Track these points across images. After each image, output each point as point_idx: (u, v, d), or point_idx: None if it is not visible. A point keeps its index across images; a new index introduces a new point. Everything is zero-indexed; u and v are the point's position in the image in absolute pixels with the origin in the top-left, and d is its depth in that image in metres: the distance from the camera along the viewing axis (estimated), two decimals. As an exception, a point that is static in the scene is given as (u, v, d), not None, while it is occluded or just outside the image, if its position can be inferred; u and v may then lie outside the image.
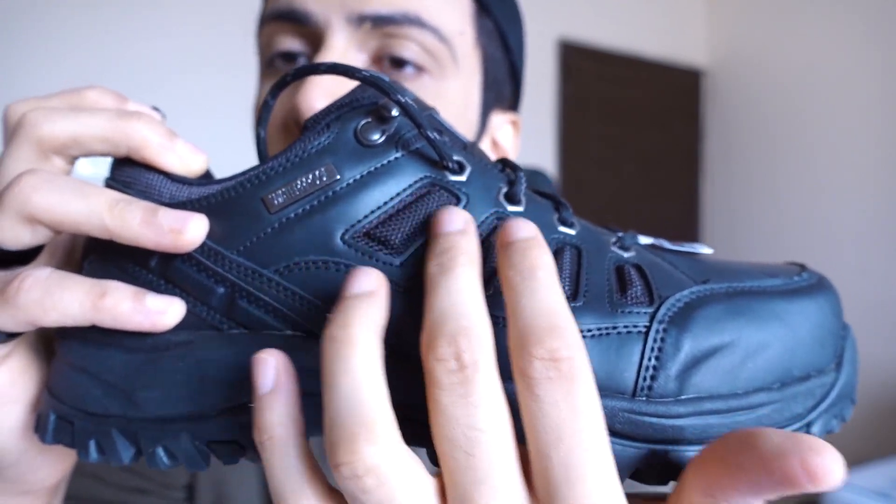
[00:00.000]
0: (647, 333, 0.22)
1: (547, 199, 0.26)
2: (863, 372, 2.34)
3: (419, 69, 0.40)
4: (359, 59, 0.39)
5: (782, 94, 2.76)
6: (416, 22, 0.39)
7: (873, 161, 2.46)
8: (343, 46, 0.39)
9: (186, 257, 0.23)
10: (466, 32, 0.42)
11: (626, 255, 0.25)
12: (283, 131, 0.40)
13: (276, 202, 0.22)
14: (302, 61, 0.40)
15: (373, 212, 0.23)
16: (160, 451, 0.23)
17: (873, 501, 1.70)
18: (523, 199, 0.24)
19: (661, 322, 0.22)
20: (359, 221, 0.22)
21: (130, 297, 0.22)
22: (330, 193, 0.23)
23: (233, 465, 0.48)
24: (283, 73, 0.41)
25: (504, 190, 0.24)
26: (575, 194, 2.69)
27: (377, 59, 0.40)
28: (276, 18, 0.40)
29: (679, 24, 3.04)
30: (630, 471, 0.21)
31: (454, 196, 0.23)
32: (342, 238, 0.22)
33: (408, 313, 0.22)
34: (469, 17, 0.42)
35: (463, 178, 0.24)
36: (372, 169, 0.23)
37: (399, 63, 0.39)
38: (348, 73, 0.23)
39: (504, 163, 0.26)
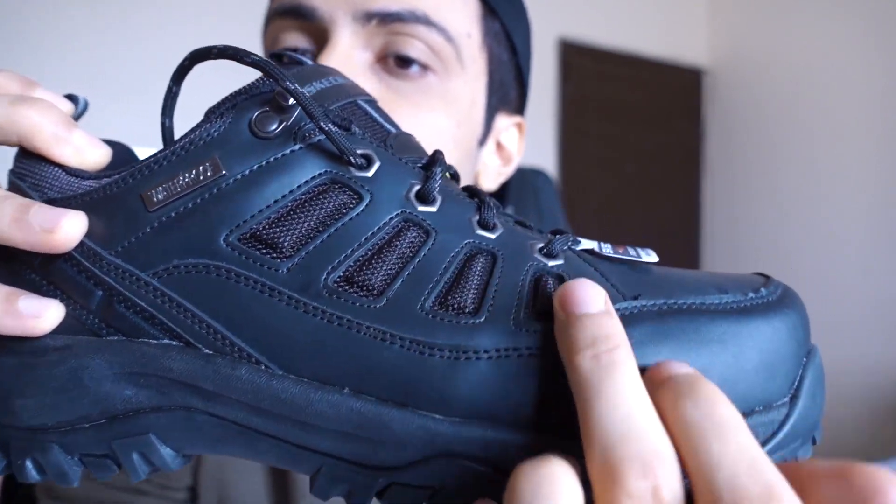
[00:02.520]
0: (554, 357, 0.19)
1: (473, 198, 0.24)
2: (863, 372, 2.34)
3: (424, 68, 0.39)
4: (363, 57, 0.39)
5: (783, 93, 2.76)
6: (423, 20, 0.38)
7: (874, 161, 2.45)
8: (348, 44, 0.38)
9: (68, 257, 0.21)
10: (473, 34, 0.41)
11: (550, 263, 0.22)
12: None
13: (155, 199, 0.21)
14: (307, 59, 0.40)
15: (261, 211, 0.21)
16: (29, 464, 0.22)
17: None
18: (438, 197, 0.22)
19: None
20: (245, 222, 0.21)
21: (1, 300, 0.21)
22: (214, 190, 0.21)
23: (236, 467, 0.48)
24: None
25: (416, 187, 0.22)
26: (575, 194, 2.69)
27: (382, 57, 0.39)
28: (281, 14, 0.40)
29: (680, 23, 3.03)
30: None
31: (355, 194, 0.21)
32: (225, 240, 0.21)
33: (294, 328, 0.20)
34: (476, 18, 0.42)
35: (368, 174, 0.22)
36: (263, 163, 0.21)
37: (404, 62, 0.39)
38: (237, 57, 0.22)
39: (434, 157, 0.24)
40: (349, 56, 0.38)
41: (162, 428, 0.21)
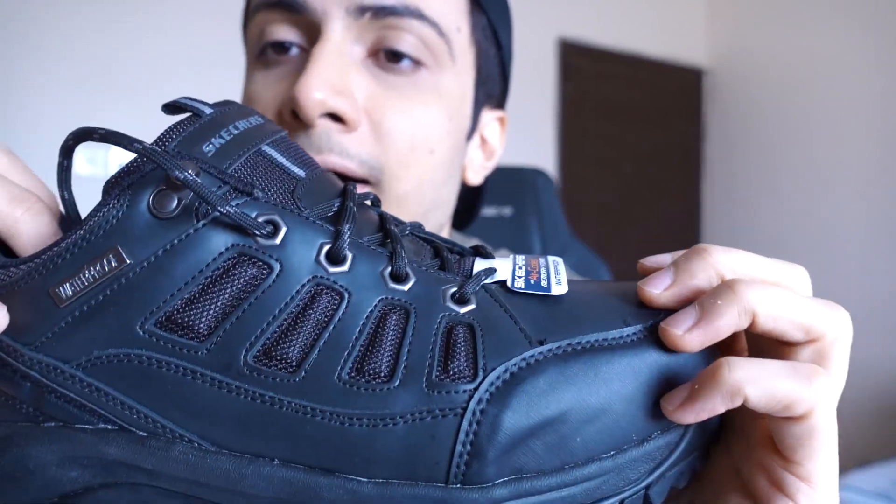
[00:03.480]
0: (462, 415, 0.20)
1: (385, 245, 0.23)
2: (863, 372, 2.34)
3: (416, 63, 0.39)
4: (356, 52, 0.39)
5: (783, 93, 2.76)
6: (416, 14, 0.38)
7: (874, 160, 2.46)
8: (340, 38, 0.38)
9: None
10: (462, 28, 0.42)
11: (462, 310, 0.22)
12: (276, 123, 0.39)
13: (64, 295, 0.21)
14: (294, 52, 0.40)
15: (173, 295, 0.21)
16: None
17: (874, 502, 1.70)
18: (348, 254, 0.22)
19: (479, 402, 0.20)
20: (158, 307, 0.21)
21: None
22: (122, 281, 0.21)
23: None
24: (274, 63, 0.40)
25: (326, 248, 0.22)
26: (575, 194, 2.69)
27: (374, 51, 0.39)
28: (269, 6, 0.39)
29: (679, 23, 3.03)
30: None
31: (265, 265, 0.21)
32: (141, 327, 0.21)
33: (220, 407, 0.20)
34: (465, 13, 0.42)
35: (276, 241, 0.21)
36: (168, 246, 0.21)
37: (396, 56, 0.39)
38: (123, 144, 0.21)
39: (343, 202, 0.23)
40: (341, 50, 0.38)
41: (112, 500, 0.22)
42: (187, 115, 0.24)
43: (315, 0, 0.38)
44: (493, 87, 0.47)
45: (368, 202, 0.26)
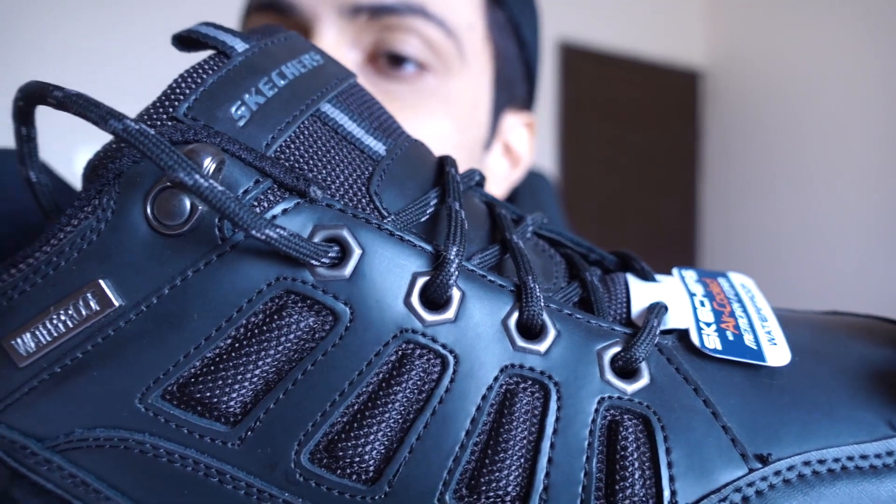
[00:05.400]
0: None
1: (499, 271, 0.15)
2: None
3: (421, 67, 0.35)
4: (352, 57, 0.35)
5: (781, 95, 2.77)
6: (419, 12, 0.34)
7: (872, 162, 2.47)
8: (334, 42, 0.34)
9: None
10: (476, 26, 0.37)
11: (629, 389, 0.14)
12: None
13: (23, 349, 0.14)
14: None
15: (187, 356, 0.14)
16: None
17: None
18: (454, 293, 0.14)
19: None
20: (166, 374, 0.14)
21: None
22: (109, 332, 0.14)
23: None
24: None
25: (422, 281, 0.14)
26: (574, 195, 2.70)
27: (373, 56, 0.35)
28: (259, 9, 0.36)
29: (677, 25, 3.04)
30: None
31: (327, 311, 0.14)
32: (142, 402, 0.14)
33: None
34: (479, 8, 0.38)
35: (345, 272, 0.14)
36: (178, 282, 0.13)
37: (398, 60, 0.35)
38: (92, 117, 0.13)
39: (441, 195, 0.15)
40: (335, 56, 0.33)
41: None
42: (209, 53, 0.16)
43: (304, 1, 0.34)
44: (515, 89, 0.42)
45: (474, 182, 0.18)
